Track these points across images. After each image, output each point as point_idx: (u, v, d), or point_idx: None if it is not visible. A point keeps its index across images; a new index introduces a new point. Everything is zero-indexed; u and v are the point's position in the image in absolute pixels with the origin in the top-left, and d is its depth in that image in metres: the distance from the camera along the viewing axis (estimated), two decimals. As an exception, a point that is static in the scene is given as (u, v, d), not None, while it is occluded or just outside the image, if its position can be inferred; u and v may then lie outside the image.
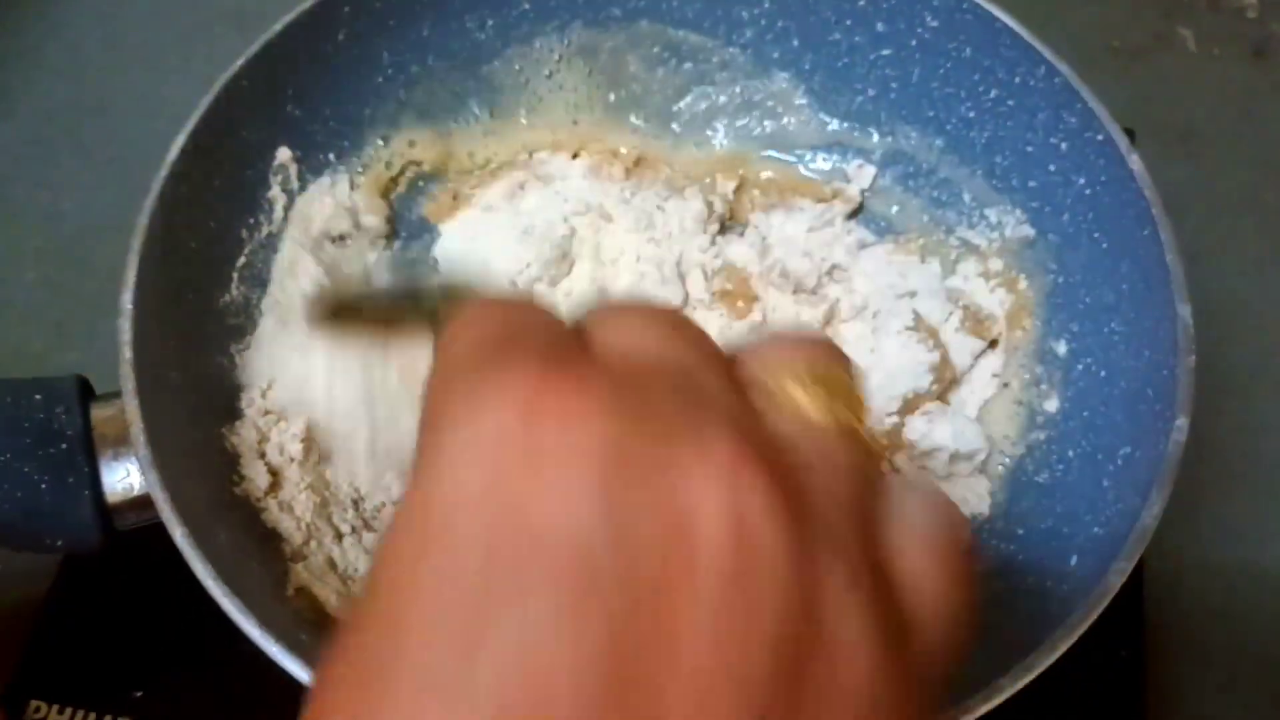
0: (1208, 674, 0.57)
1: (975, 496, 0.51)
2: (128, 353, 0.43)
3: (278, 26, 0.51)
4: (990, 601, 0.48)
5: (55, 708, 0.51)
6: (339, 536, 0.49)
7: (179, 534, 0.40)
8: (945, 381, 0.55)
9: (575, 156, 0.61)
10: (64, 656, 0.53)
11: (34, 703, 0.51)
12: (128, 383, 0.43)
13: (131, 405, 0.42)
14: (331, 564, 0.48)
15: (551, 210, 0.58)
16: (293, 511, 0.47)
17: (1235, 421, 0.62)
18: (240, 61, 0.50)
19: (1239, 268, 0.68)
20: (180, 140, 0.48)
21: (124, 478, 0.44)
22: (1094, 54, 0.75)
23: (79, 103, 0.72)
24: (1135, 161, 0.49)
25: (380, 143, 0.58)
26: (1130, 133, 0.51)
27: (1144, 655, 0.53)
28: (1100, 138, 0.51)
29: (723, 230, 0.59)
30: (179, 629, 0.52)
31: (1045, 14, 0.53)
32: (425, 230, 0.60)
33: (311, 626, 0.44)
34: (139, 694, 0.51)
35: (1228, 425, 0.62)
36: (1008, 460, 0.53)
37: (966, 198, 0.59)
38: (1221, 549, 0.60)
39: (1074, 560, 0.45)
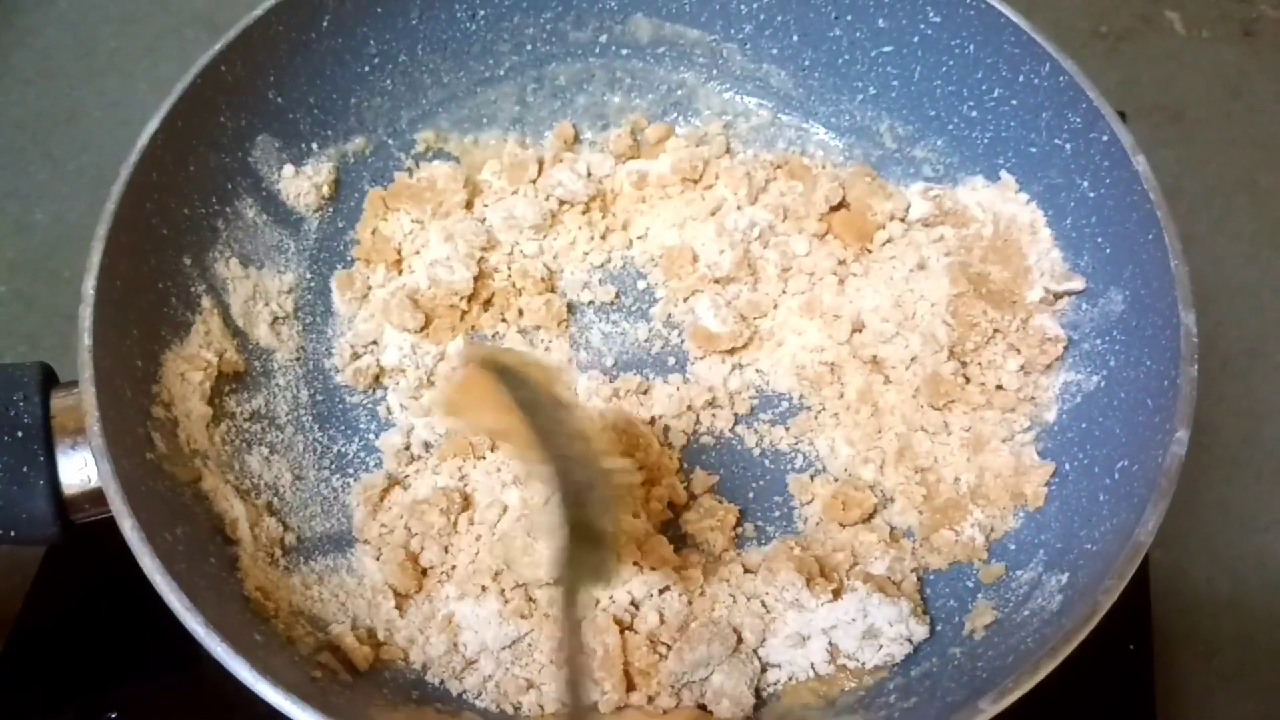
0: (1215, 663, 0.55)
1: (971, 531, 0.49)
2: (87, 339, 0.42)
3: (258, 11, 0.50)
4: (981, 621, 0.46)
5: (26, 731, 0.49)
6: (298, 536, 0.47)
7: (128, 526, 0.39)
8: None
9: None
10: (35, 677, 0.50)
11: (3, 726, 0.49)
12: (85, 370, 0.42)
13: (88, 393, 0.41)
14: (289, 560, 0.46)
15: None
16: (254, 506, 0.46)
17: (1235, 406, 0.60)
18: (218, 46, 0.49)
19: (1234, 249, 0.66)
20: (152, 125, 0.47)
21: (81, 468, 0.43)
22: (1082, 38, 0.74)
23: (49, 111, 0.70)
24: (1141, 163, 0.47)
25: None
26: (1121, 115, 0.50)
27: (1151, 646, 0.51)
28: (1105, 138, 0.49)
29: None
30: (153, 648, 0.49)
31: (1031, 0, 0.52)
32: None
33: (266, 626, 0.43)
34: (113, 715, 0.49)
35: (1227, 410, 0.60)
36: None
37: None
38: (1226, 536, 0.58)
39: (1065, 578, 0.43)
